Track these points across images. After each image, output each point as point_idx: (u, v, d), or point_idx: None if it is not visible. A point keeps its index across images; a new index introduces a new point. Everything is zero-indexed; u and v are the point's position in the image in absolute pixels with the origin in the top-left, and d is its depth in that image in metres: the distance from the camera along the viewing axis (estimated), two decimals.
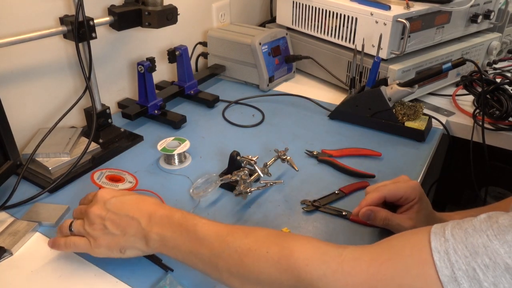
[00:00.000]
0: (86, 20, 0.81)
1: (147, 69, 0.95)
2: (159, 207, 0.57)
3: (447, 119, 1.01)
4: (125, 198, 0.58)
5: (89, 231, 0.57)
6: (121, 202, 0.57)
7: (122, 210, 0.56)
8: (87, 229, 0.57)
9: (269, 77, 1.16)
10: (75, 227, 0.59)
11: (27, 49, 0.83)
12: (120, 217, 0.56)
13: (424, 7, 0.98)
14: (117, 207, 0.57)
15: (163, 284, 0.58)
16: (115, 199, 0.58)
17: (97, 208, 0.57)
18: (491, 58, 1.19)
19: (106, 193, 0.59)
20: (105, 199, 0.58)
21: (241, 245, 0.49)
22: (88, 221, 0.57)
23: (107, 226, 0.56)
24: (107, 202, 0.57)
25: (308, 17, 1.15)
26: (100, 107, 0.91)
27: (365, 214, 0.62)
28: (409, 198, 0.62)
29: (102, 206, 0.57)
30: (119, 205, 0.57)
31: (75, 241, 0.59)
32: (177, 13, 0.94)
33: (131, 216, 0.56)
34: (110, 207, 0.57)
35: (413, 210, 0.62)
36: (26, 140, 0.88)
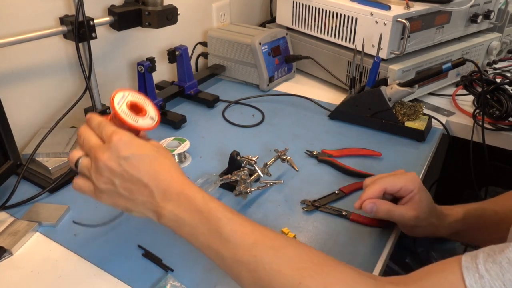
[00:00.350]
0: (86, 20, 0.82)
1: (147, 69, 0.95)
2: (178, 179, 0.50)
3: (447, 119, 1.01)
4: (144, 158, 0.50)
5: (95, 181, 0.51)
6: (137, 162, 0.49)
7: (137, 172, 0.49)
8: (93, 176, 0.51)
9: (269, 77, 1.16)
10: (81, 168, 0.52)
11: (27, 49, 0.84)
12: (132, 180, 0.49)
13: (424, 7, 0.98)
14: (132, 167, 0.49)
15: (163, 284, 0.58)
16: (133, 157, 0.49)
17: (110, 160, 0.49)
18: (491, 58, 1.19)
19: (124, 146, 0.49)
20: (120, 153, 0.49)
21: (270, 264, 0.45)
22: (96, 169, 0.50)
23: (116, 184, 0.50)
24: (122, 159, 0.49)
25: (308, 17, 1.15)
26: (100, 107, 0.92)
27: (368, 207, 0.61)
28: (408, 189, 0.62)
29: (116, 160, 0.49)
30: (135, 165, 0.49)
31: (80, 185, 0.53)
32: (177, 13, 0.94)
33: (145, 183, 0.49)
34: (124, 165, 0.49)
35: (415, 200, 0.62)
36: (26, 140, 0.88)
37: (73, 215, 0.73)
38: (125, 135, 0.50)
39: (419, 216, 0.61)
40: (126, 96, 0.56)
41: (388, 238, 0.67)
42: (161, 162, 0.51)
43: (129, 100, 0.55)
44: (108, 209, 0.73)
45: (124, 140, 0.50)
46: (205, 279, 0.60)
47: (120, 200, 0.51)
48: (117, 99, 0.55)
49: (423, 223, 0.62)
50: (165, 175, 0.50)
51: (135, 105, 0.56)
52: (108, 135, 0.50)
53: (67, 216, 0.72)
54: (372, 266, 0.62)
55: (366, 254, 0.64)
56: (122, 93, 0.55)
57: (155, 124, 0.56)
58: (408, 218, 0.61)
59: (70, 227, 0.70)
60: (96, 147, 0.51)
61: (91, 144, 0.51)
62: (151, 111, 0.57)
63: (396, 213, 0.61)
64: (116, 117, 0.53)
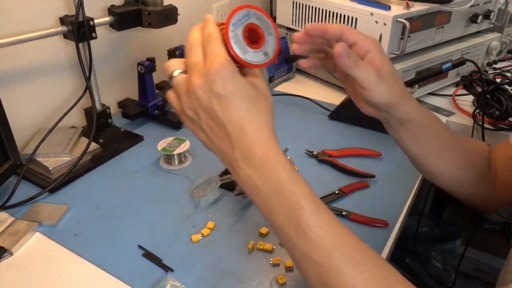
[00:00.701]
0: (86, 20, 0.82)
1: (147, 69, 0.95)
2: (266, 141, 0.44)
3: (447, 119, 1.01)
4: (236, 103, 0.43)
5: (183, 102, 0.46)
6: (228, 105, 0.43)
7: (224, 115, 0.43)
8: (182, 97, 0.46)
9: (269, 77, 1.16)
10: (174, 82, 0.47)
11: (27, 49, 0.83)
12: (216, 121, 0.44)
13: (424, 7, 0.98)
14: (220, 107, 0.43)
15: (163, 284, 0.58)
16: (225, 97, 0.43)
17: (201, 89, 0.43)
18: (491, 58, 1.19)
19: (221, 80, 0.43)
20: (214, 87, 0.43)
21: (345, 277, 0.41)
22: (186, 91, 0.45)
23: (200, 116, 0.45)
24: (214, 94, 0.43)
25: (308, 17, 1.15)
26: (100, 107, 0.92)
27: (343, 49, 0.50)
28: (365, 46, 0.54)
29: (207, 93, 0.43)
30: (224, 107, 0.43)
31: (170, 98, 0.49)
32: (177, 13, 0.95)
33: (228, 131, 0.43)
34: (213, 102, 0.43)
35: (376, 61, 0.53)
36: (26, 140, 0.88)
37: (73, 214, 0.73)
38: (226, 67, 0.43)
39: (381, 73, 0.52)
40: (251, 15, 0.46)
41: (388, 238, 0.67)
42: (254, 115, 0.44)
43: (251, 23, 0.46)
44: (108, 209, 0.74)
45: (222, 74, 0.43)
46: (205, 279, 0.60)
47: (200, 133, 0.47)
48: (237, 17, 0.45)
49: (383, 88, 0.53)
50: (252, 134, 0.43)
51: (256, 31, 0.46)
52: (211, 58, 0.43)
53: (67, 216, 0.72)
54: None
55: None
56: (247, 10, 0.45)
57: (265, 63, 0.46)
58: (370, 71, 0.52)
59: (70, 227, 0.70)
60: (196, 67, 0.44)
61: (193, 61, 0.45)
62: (270, 43, 0.47)
63: (362, 63, 0.52)
64: (224, 39, 0.45)
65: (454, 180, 0.66)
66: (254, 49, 0.46)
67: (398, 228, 0.70)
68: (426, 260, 1.31)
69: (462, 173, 0.65)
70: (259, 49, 0.46)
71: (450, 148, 0.63)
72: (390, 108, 0.56)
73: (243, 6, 0.45)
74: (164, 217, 0.72)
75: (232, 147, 0.44)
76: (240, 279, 0.60)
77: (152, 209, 0.74)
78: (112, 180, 0.81)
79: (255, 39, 0.46)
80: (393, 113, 0.57)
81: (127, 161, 0.87)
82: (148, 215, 0.72)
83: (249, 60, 0.45)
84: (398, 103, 0.55)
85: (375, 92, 0.53)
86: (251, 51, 0.46)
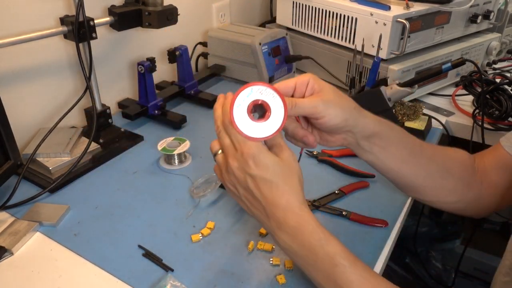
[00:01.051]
0: (86, 20, 0.82)
1: (147, 69, 0.95)
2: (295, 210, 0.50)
3: (447, 119, 1.01)
4: (266, 182, 0.50)
5: (225, 177, 0.53)
6: (260, 184, 0.49)
7: (258, 192, 0.50)
8: (223, 173, 0.53)
9: (269, 77, 1.16)
10: (217, 161, 0.54)
11: (28, 50, 0.84)
12: (253, 196, 0.51)
13: (424, 7, 0.98)
14: (254, 186, 0.50)
15: (163, 284, 0.58)
16: (257, 177, 0.49)
17: (238, 169, 0.50)
18: (490, 58, 1.19)
19: (252, 163, 0.49)
20: (247, 169, 0.49)
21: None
22: (226, 169, 0.52)
23: (239, 191, 0.52)
24: (248, 175, 0.50)
25: (308, 17, 1.15)
26: (100, 107, 0.92)
27: None
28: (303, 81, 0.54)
29: (243, 173, 0.50)
30: (258, 185, 0.50)
31: (216, 172, 0.55)
32: (177, 13, 0.95)
33: (263, 205, 0.50)
34: (248, 180, 0.50)
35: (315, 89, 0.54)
36: (27, 140, 0.88)
37: (73, 214, 0.73)
38: (254, 151, 0.49)
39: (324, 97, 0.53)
40: (254, 92, 0.49)
41: (388, 238, 0.67)
42: (282, 190, 0.50)
43: (255, 99, 0.49)
44: (108, 209, 0.74)
45: (252, 156, 0.49)
46: (205, 279, 0.60)
47: (241, 202, 0.54)
48: (241, 98, 0.49)
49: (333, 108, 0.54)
50: (283, 206, 0.50)
51: (261, 104, 0.49)
52: (239, 143, 0.50)
53: (68, 216, 0.73)
54: (372, 266, 0.62)
55: (366, 254, 0.64)
56: (250, 89, 0.49)
57: (273, 133, 0.49)
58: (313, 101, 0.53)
59: (70, 227, 0.70)
60: (230, 150, 0.51)
61: (225, 144, 0.51)
62: (277, 113, 0.49)
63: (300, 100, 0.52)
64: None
65: (437, 189, 0.66)
66: (262, 122, 0.49)
67: (398, 228, 0.70)
68: (426, 260, 1.31)
69: (443, 181, 0.65)
70: (266, 121, 0.49)
71: (419, 154, 0.64)
72: (351, 126, 0.56)
73: (245, 86, 0.48)
74: (164, 217, 0.72)
75: (268, 218, 0.51)
76: (240, 279, 0.60)
77: (152, 209, 0.74)
78: (112, 180, 0.82)
79: (262, 111, 0.50)
80: (356, 131, 0.57)
81: (127, 161, 0.87)
82: (148, 215, 0.72)
83: (260, 136, 0.49)
84: (355, 117, 0.56)
85: (329, 115, 0.53)
86: (257, 125, 0.49)
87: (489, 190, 0.67)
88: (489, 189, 0.67)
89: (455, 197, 0.67)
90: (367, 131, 0.58)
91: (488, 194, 0.67)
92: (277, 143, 0.52)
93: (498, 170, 0.67)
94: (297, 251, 0.50)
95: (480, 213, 0.71)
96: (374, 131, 0.58)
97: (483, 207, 0.69)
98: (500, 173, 0.66)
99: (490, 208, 0.69)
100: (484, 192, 0.67)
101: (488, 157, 0.69)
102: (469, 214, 0.71)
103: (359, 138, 0.58)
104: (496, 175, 0.67)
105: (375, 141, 0.59)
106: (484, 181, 0.67)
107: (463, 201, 0.67)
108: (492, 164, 0.68)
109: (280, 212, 0.50)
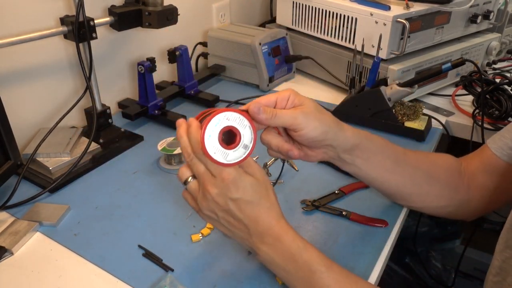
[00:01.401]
0: (86, 21, 0.82)
1: (147, 69, 0.95)
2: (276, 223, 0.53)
3: (447, 119, 1.01)
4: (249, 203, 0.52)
5: (200, 206, 0.54)
6: (243, 205, 0.52)
7: (240, 213, 0.52)
8: (199, 201, 0.54)
9: (269, 77, 1.16)
10: (189, 189, 0.55)
11: (28, 50, 0.84)
12: (234, 218, 0.53)
13: (424, 7, 0.98)
14: (236, 208, 0.52)
15: (164, 284, 0.58)
16: (239, 200, 0.51)
17: (218, 196, 0.51)
18: (490, 58, 1.19)
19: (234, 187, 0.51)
20: (228, 194, 0.51)
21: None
22: (203, 197, 0.53)
23: (219, 216, 0.53)
24: (230, 199, 0.51)
25: (308, 17, 1.15)
26: (100, 107, 0.92)
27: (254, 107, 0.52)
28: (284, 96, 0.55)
29: (224, 199, 0.51)
30: (240, 207, 0.52)
31: (187, 199, 0.57)
32: (177, 13, 0.95)
33: (245, 223, 0.52)
34: (230, 204, 0.51)
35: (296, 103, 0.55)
36: (27, 140, 0.88)
37: (73, 214, 0.73)
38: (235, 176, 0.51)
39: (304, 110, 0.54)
40: (221, 120, 0.50)
41: (388, 238, 0.67)
42: (264, 207, 0.53)
43: (224, 127, 0.50)
44: (108, 209, 0.74)
45: (235, 182, 0.51)
46: (205, 279, 0.60)
47: (219, 226, 0.55)
48: (210, 129, 0.50)
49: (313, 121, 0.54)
50: (265, 220, 0.52)
51: (230, 131, 0.51)
52: (216, 170, 0.51)
53: (68, 216, 0.73)
54: (372, 266, 0.62)
55: (366, 254, 0.64)
56: (217, 118, 0.50)
57: (246, 156, 0.52)
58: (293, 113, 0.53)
59: (70, 227, 0.70)
60: (206, 177, 0.52)
61: (200, 171, 0.52)
62: (247, 135, 0.52)
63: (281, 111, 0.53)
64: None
65: (423, 195, 0.67)
66: (233, 149, 0.51)
67: (398, 228, 0.70)
68: (426, 260, 1.31)
69: (429, 187, 0.66)
70: (238, 146, 0.51)
71: (404, 162, 0.64)
72: (331, 140, 0.57)
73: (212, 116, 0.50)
74: (164, 217, 0.72)
75: (249, 234, 0.53)
76: (240, 279, 0.60)
77: (152, 209, 0.74)
78: (112, 180, 0.82)
79: (232, 137, 0.51)
80: (336, 144, 0.58)
81: (127, 161, 0.87)
82: (148, 215, 0.73)
83: (233, 160, 0.51)
84: (334, 131, 0.57)
85: (308, 127, 0.54)
86: (231, 152, 0.51)
87: (477, 193, 0.67)
88: (478, 192, 0.67)
89: (443, 202, 0.67)
90: (347, 144, 0.59)
91: (477, 197, 0.67)
92: (248, 163, 0.53)
93: (485, 172, 0.67)
94: (278, 262, 0.52)
95: (470, 216, 0.71)
96: (354, 144, 0.59)
97: (472, 210, 0.69)
98: (488, 175, 0.66)
99: (480, 211, 0.69)
100: (472, 195, 0.67)
101: (475, 160, 0.69)
102: (460, 217, 0.71)
103: (339, 151, 0.59)
104: (484, 178, 0.67)
105: (357, 153, 0.60)
106: (472, 184, 0.67)
107: (451, 205, 0.68)
108: (479, 167, 0.68)
109: (261, 227, 0.52)
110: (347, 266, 0.61)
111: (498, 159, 0.65)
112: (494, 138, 0.67)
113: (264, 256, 0.53)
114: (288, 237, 0.52)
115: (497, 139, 0.66)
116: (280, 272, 0.53)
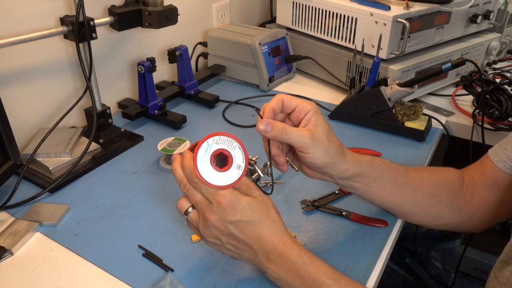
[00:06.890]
0: (86, 21, 0.82)
1: (148, 69, 0.95)
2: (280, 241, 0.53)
3: (447, 119, 1.01)
4: (249, 223, 0.52)
5: (203, 234, 0.54)
6: (243, 226, 0.52)
7: (242, 235, 0.52)
8: (201, 229, 0.54)
9: (269, 77, 1.16)
10: (190, 219, 0.55)
11: (28, 50, 0.84)
12: (238, 240, 0.53)
13: (424, 7, 0.98)
14: (238, 230, 0.52)
15: (164, 284, 0.58)
16: (239, 222, 0.52)
17: (217, 221, 0.52)
18: (490, 58, 1.19)
19: (231, 210, 0.51)
20: (227, 218, 0.51)
21: None
22: (204, 225, 0.53)
23: (222, 241, 0.54)
24: (229, 223, 0.52)
25: (308, 17, 1.15)
26: (100, 107, 0.92)
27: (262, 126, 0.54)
28: (304, 109, 0.57)
29: (223, 223, 0.52)
30: (241, 229, 0.52)
31: (191, 227, 0.57)
32: (177, 13, 0.95)
33: (250, 244, 0.53)
34: (230, 228, 0.52)
35: (311, 123, 0.56)
36: (27, 140, 0.88)
37: (73, 214, 0.73)
38: (230, 199, 0.51)
39: (315, 136, 0.55)
40: (210, 144, 0.51)
41: (388, 238, 0.67)
42: (265, 225, 0.53)
43: (214, 150, 0.52)
44: (108, 209, 0.74)
45: (230, 204, 0.51)
46: (205, 279, 0.60)
47: (226, 251, 0.56)
48: (201, 155, 0.51)
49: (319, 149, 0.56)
50: (268, 238, 0.52)
51: (222, 153, 0.52)
52: (211, 195, 0.52)
53: (68, 216, 0.73)
54: (372, 266, 0.62)
55: (366, 254, 0.64)
56: (206, 143, 0.51)
57: (241, 176, 0.52)
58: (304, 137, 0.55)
59: (70, 227, 0.70)
60: (203, 205, 0.53)
61: (197, 199, 0.53)
62: (238, 156, 0.52)
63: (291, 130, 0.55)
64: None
65: (423, 215, 0.67)
66: (227, 170, 0.52)
67: (398, 228, 0.70)
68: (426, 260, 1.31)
69: (430, 208, 0.66)
70: (231, 167, 0.52)
71: (404, 184, 0.65)
72: (330, 169, 0.58)
73: (201, 141, 0.51)
74: (164, 217, 0.72)
75: (256, 254, 0.53)
76: (240, 279, 0.60)
77: (152, 209, 0.74)
78: (112, 180, 0.82)
79: (224, 160, 0.52)
80: (334, 174, 0.60)
81: (127, 161, 0.87)
82: (148, 215, 0.73)
83: (228, 183, 0.52)
84: (336, 163, 0.58)
85: (313, 154, 0.56)
86: (225, 174, 0.52)
87: (481, 207, 0.67)
88: (481, 206, 0.67)
89: (442, 222, 0.68)
90: (346, 174, 0.60)
91: (480, 211, 0.67)
92: (244, 183, 0.54)
93: (488, 186, 0.66)
94: (286, 279, 0.52)
95: (475, 230, 0.71)
96: (353, 174, 0.61)
97: (477, 224, 0.69)
98: (491, 189, 0.66)
99: (484, 224, 0.69)
100: (476, 210, 0.67)
101: (477, 173, 0.68)
102: (463, 231, 0.71)
103: (336, 179, 0.61)
104: (487, 192, 0.66)
105: (356, 179, 0.61)
106: (475, 199, 0.67)
107: (453, 223, 0.68)
108: (482, 180, 0.67)
109: (265, 245, 0.52)
110: (347, 266, 0.62)
111: (501, 172, 0.64)
112: (496, 150, 0.66)
113: (272, 275, 0.54)
114: (293, 253, 0.52)
115: (499, 151, 0.65)
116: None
